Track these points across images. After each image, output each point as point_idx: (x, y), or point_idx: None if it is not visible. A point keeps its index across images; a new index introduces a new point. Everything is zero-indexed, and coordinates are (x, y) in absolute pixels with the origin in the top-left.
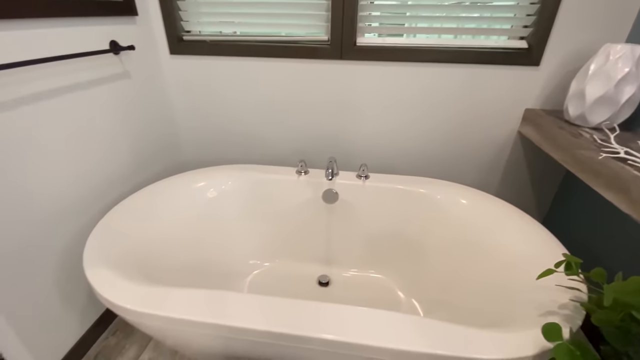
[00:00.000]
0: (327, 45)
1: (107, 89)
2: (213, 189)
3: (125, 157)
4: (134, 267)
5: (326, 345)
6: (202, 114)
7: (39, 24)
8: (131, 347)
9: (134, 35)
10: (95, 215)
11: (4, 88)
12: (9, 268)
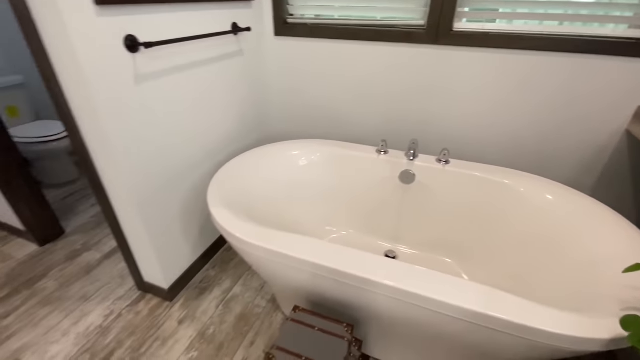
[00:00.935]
0: (422, 30)
1: (227, 64)
2: (304, 158)
3: (232, 124)
4: (241, 210)
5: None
6: (294, 91)
7: (186, 7)
8: (226, 280)
9: (249, 18)
10: (210, 168)
11: (175, 56)
12: (157, 199)
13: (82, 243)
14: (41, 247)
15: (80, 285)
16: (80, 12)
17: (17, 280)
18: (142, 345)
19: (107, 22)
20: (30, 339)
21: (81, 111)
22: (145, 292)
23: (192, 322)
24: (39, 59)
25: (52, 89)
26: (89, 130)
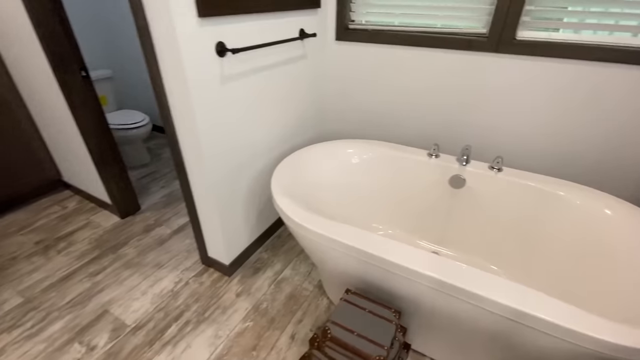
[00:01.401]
0: (483, 38)
1: (291, 67)
2: (357, 157)
3: (292, 121)
4: (298, 198)
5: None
6: (350, 93)
7: (264, 16)
8: (277, 264)
9: (314, 24)
10: (270, 160)
11: (250, 61)
12: (226, 184)
13: (155, 219)
14: (122, 220)
15: (154, 254)
16: (187, 23)
17: (105, 245)
18: (205, 310)
19: (205, 31)
20: (116, 295)
21: (176, 104)
22: (208, 266)
23: (248, 296)
24: (149, 60)
25: (156, 84)
26: (180, 120)
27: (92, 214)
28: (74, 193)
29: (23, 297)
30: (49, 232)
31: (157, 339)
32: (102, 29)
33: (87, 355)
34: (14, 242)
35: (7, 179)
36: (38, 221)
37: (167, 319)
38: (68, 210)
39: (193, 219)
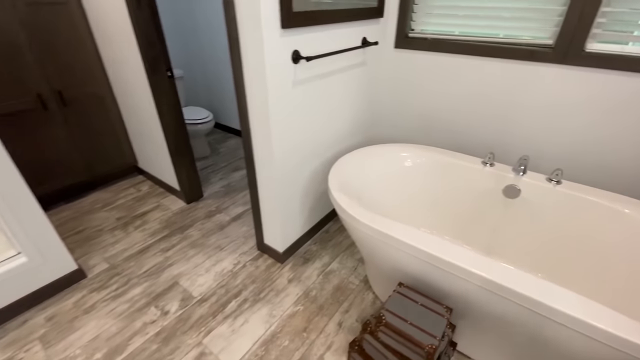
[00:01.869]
0: (549, 49)
1: (351, 73)
2: (410, 160)
3: (347, 124)
4: (352, 195)
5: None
6: (405, 99)
7: (332, 27)
8: (325, 256)
9: (375, 33)
10: (325, 158)
11: (316, 67)
12: (288, 178)
13: (216, 206)
14: (187, 205)
15: (215, 237)
16: (272, 33)
17: (173, 226)
18: (261, 291)
19: (285, 41)
20: (184, 269)
21: (253, 103)
22: (263, 252)
23: (299, 283)
24: (235, 63)
25: (238, 85)
26: (255, 118)
27: (162, 197)
28: (146, 178)
29: (108, 263)
30: (127, 211)
31: (219, 311)
32: (179, 34)
33: (161, 318)
34: (100, 216)
35: (96, 162)
36: (118, 200)
37: (228, 295)
38: (142, 193)
39: (255, 208)
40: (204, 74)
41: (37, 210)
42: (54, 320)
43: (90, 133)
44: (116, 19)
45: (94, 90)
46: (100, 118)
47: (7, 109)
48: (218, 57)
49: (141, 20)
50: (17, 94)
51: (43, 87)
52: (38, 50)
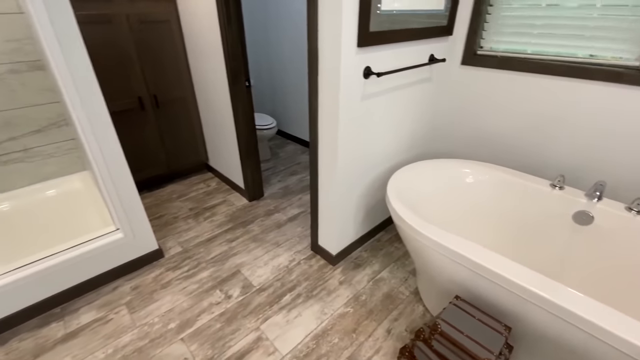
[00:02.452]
0: (636, 70)
1: (416, 88)
2: (472, 177)
3: (406, 137)
4: (410, 205)
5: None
6: (467, 115)
7: (402, 45)
8: (375, 264)
9: (443, 50)
10: (382, 170)
11: (384, 82)
12: (347, 184)
13: (274, 206)
14: (249, 202)
15: (273, 234)
16: (349, 51)
17: (237, 220)
18: (314, 289)
19: (359, 58)
20: (245, 260)
21: (324, 113)
22: (316, 253)
23: (349, 286)
24: (312, 76)
25: (312, 96)
26: (324, 127)
27: (227, 194)
28: (214, 175)
29: (182, 247)
30: (198, 203)
31: (275, 302)
32: (253, 47)
33: (225, 301)
34: (175, 205)
35: (175, 157)
36: (191, 193)
37: (283, 288)
38: (211, 188)
39: (313, 210)
40: (271, 84)
41: (135, 194)
42: (137, 290)
43: (174, 132)
44: (208, 35)
45: (181, 94)
46: (182, 119)
47: (116, 108)
48: (284, 70)
49: (229, 36)
50: (125, 96)
51: (143, 91)
52: (143, 61)
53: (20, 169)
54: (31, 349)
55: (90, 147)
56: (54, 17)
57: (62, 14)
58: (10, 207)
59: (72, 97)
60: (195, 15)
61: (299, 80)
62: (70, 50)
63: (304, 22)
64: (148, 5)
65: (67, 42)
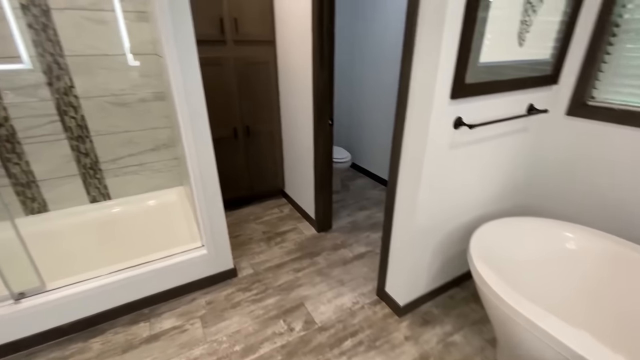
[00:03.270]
0: None
1: (510, 139)
2: (575, 243)
3: (494, 189)
4: (495, 266)
5: None
6: (570, 171)
7: (497, 96)
8: (447, 324)
9: (544, 100)
10: (466, 220)
11: (475, 133)
12: (424, 231)
13: (341, 240)
14: (318, 233)
15: (339, 271)
16: (441, 102)
17: (304, 250)
18: (377, 339)
19: (450, 109)
20: (310, 294)
21: (407, 158)
22: (381, 299)
23: (416, 344)
24: (399, 119)
25: (396, 138)
26: (406, 171)
27: (298, 222)
28: (288, 202)
29: (253, 269)
30: (271, 227)
31: (335, 345)
32: (336, 83)
33: (287, 333)
34: (251, 227)
35: (256, 182)
36: (265, 216)
37: (345, 332)
38: (283, 214)
39: (383, 254)
40: (349, 118)
41: (222, 215)
42: (211, 306)
43: (258, 159)
44: (301, 77)
45: (269, 126)
46: (267, 148)
47: (215, 135)
48: (363, 105)
49: (320, 79)
50: (223, 125)
51: (238, 122)
52: (242, 95)
53: (133, 180)
54: (122, 343)
55: (193, 167)
56: (184, 61)
57: (190, 60)
58: (120, 210)
59: (186, 126)
60: (291, 58)
61: (378, 117)
62: (191, 88)
63: (391, 65)
64: (253, 49)
65: (190, 82)
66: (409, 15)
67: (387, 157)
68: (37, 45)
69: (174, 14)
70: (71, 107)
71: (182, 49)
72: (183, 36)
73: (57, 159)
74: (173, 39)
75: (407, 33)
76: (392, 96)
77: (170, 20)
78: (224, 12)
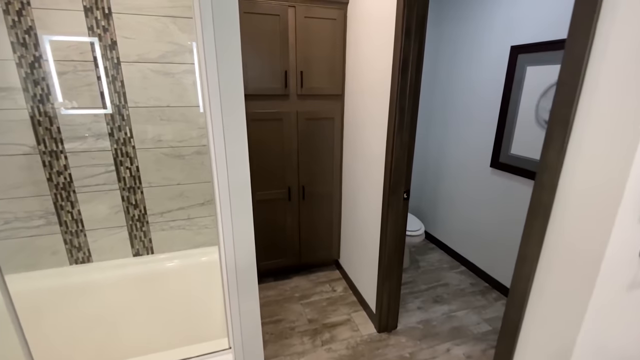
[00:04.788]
0: None
1: None
2: None
3: None
4: None
5: None
6: None
7: None
8: None
9: None
10: None
11: None
12: None
13: (410, 352)
14: (378, 333)
15: None
16: (626, 225)
17: (359, 358)
18: None
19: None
20: None
21: (549, 291)
22: None
23: None
24: (534, 235)
25: (527, 263)
26: (547, 308)
27: (353, 309)
28: (342, 276)
29: None
30: (319, 313)
31: None
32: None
33: None
34: (295, 310)
35: (308, 250)
36: (314, 295)
37: None
38: (336, 295)
39: None
40: (422, 177)
41: (257, 312)
42: None
43: (312, 225)
44: (370, 139)
45: (328, 189)
46: (323, 214)
47: (266, 196)
48: (440, 169)
49: (398, 140)
50: (277, 185)
51: (294, 182)
52: (301, 153)
53: (180, 235)
54: None
55: (226, 255)
56: (228, 122)
57: (235, 120)
58: (162, 267)
59: (223, 203)
60: (360, 116)
61: (460, 182)
62: (233, 154)
63: (484, 124)
64: (317, 103)
65: (231, 147)
66: (571, 60)
67: (467, 231)
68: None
69: (220, 65)
70: (127, 158)
71: (227, 105)
72: (229, 90)
73: (107, 209)
74: (217, 94)
75: (566, 77)
76: (485, 158)
77: (216, 73)
78: (290, 65)
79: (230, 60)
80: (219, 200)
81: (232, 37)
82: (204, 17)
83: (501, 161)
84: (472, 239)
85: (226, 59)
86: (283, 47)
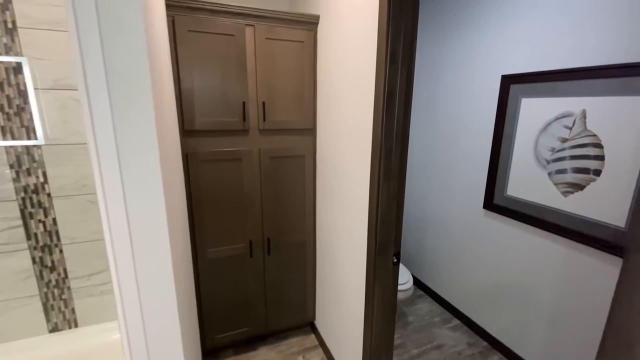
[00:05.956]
0: None
1: None
2: None
3: None
4: None
5: None
6: None
7: None
8: None
9: None
10: None
11: None
12: None
13: None
14: None
15: None
16: None
17: None
18: None
19: None
20: None
21: None
22: None
23: None
24: None
25: None
26: None
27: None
28: (319, 343)
29: None
30: None
31: None
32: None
33: None
34: None
35: (276, 315)
36: None
37: None
38: None
39: None
40: (407, 218)
41: None
42: None
43: (281, 285)
44: (353, 190)
45: (299, 239)
46: (294, 270)
47: (221, 254)
48: (426, 210)
49: (384, 192)
50: (235, 240)
51: (257, 234)
52: (265, 198)
53: (114, 301)
54: None
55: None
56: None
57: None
58: (95, 343)
59: (121, 254)
60: (336, 156)
61: (453, 226)
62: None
63: (478, 164)
64: (285, 139)
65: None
66: None
67: (459, 280)
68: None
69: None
70: (41, 209)
71: (127, 140)
72: (132, 119)
73: (12, 276)
74: (110, 122)
75: None
76: (477, 199)
77: (107, 98)
78: (249, 95)
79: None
80: (113, 253)
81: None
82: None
83: (496, 203)
84: (466, 288)
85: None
86: (240, 73)
